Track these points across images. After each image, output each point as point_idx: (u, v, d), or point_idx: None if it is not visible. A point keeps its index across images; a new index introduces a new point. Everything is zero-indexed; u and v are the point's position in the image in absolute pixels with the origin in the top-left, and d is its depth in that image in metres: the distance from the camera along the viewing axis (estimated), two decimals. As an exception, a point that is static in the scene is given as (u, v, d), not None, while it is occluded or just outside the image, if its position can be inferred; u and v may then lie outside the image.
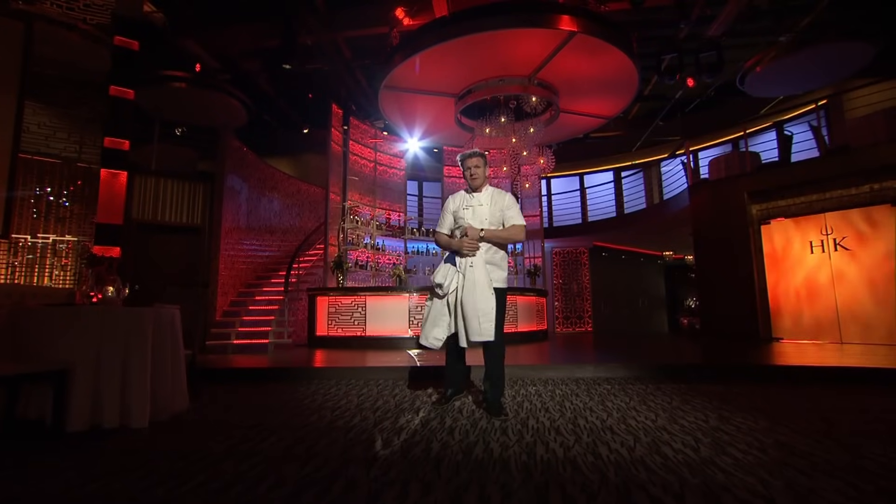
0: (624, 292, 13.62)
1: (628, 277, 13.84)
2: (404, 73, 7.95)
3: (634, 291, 13.94)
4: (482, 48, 7.34)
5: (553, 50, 7.40)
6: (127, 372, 3.04)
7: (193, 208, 8.10)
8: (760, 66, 8.20)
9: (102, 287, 6.11)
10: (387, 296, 8.62)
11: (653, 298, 14.46)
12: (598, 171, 14.42)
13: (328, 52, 9.04)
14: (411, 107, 9.41)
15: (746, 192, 8.24)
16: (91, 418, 2.89)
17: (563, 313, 12.81)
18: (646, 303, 14.09)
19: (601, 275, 13.07)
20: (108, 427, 2.91)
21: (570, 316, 12.75)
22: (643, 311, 14.03)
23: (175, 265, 7.66)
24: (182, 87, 8.76)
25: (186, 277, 7.70)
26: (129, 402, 3.01)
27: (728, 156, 9.08)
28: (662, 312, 14.68)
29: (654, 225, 11.21)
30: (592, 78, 8.22)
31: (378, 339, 8.27)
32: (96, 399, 2.93)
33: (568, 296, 12.91)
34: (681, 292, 15.13)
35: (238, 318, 7.89)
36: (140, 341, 3.14)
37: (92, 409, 2.90)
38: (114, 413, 2.94)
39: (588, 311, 12.70)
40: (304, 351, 7.92)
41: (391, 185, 11.49)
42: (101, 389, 2.94)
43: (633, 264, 14.08)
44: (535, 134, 8.67)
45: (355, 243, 10.24)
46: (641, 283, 14.22)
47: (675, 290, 15.10)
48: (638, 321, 13.71)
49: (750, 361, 5.38)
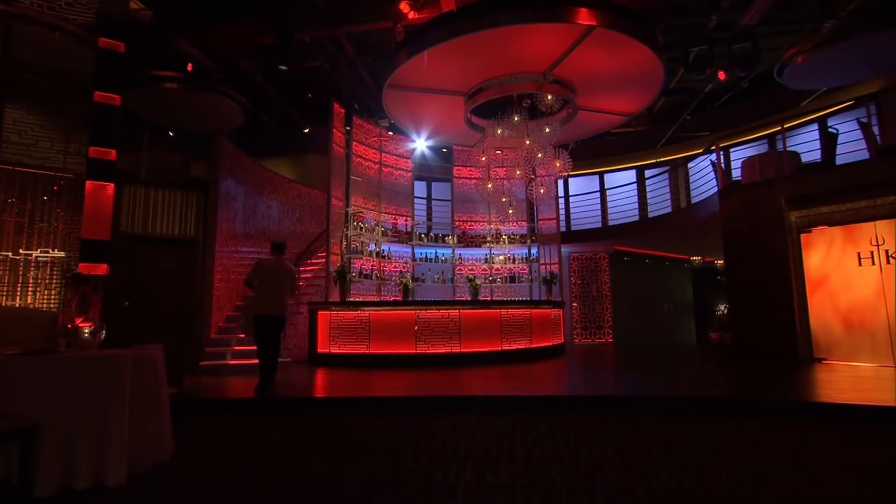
0: (647, 298, 13.35)
1: (652, 282, 13.56)
2: (410, 71, 7.80)
3: (659, 297, 13.66)
4: (493, 44, 7.16)
5: (570, 45, 7.18)
6: (102, 426, 2.94)
7: (186, 219, 8.04)
8: (802, 56, 7.86)
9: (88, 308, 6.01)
10: (392, 310, 8.52)
11: (679, 304, 14.16)
12: (619, 170, 14.13)
13: (328, 49, 8.90)
14: (418, 106, 9.26)
15: (784, 197, 7.93)
16: (62, 479, 2.80)
17: (581, 323, 12.59)
18: (671, 309, 13.81)
19: (623, 280, 12.81)
20: (81, 488, 2.81)
21: (590, 326, 12.53)
22: (669, 318, 13.74)
23: (167, 281, 7.62)
24: (173, 87, 8.63)
25: (179, 294, 7.66)
26: (105, 459, 2.92)
27: (763, 156, 8.76)
28: (690, 320, 14.37)
29: (681, 230, 10.91)
30: (613, 73, 7.99)
31: (383, 357, 8.18)
32: (68, 458, 2.83)
33: (587, 304, 12.68)
34: (710, 297, 14.80)
35: (234, 336, 7.84)
36: (117, 391, 3.05)
37: (63, 470, 2.81)
38: (88, 472, 2.85)
39: (608, 320, 12.46)
40: (305, 370, 7.86)
41: (397, 187, 11.36)
42: (73, 447, 2.85)
43: (657, 269, 13.79)
44: (551, 134, 8.46)
45: (359, 251, 10.14)
46: (667, 288, 13.93)
47: (704, 294, 14.77)
48: (663, 330, 13.42)
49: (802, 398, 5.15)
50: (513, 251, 11.78)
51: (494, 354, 8.52)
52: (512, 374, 7.37)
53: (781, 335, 7.78)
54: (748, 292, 8.38)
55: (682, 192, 12.47)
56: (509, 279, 11.60)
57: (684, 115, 11.30)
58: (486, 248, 11.77)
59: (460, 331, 8.45)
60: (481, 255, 11.86)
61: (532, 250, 11.78)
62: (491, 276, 11.65)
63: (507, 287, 11.66)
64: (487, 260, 11.74)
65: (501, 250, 11.80)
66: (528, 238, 11.83)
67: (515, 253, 11.80)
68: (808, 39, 7.86)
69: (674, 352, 10.44)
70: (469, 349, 8.42)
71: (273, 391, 5.47)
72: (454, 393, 5.55)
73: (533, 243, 11.85)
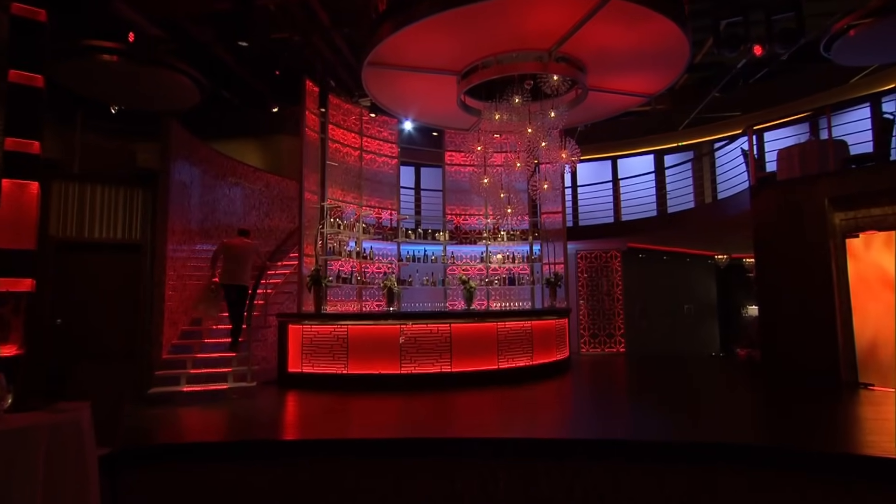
0: (665, 299, 13.08)
1: (671, 281, 13.29)
2: (394, 46, 7.36)
3: (678, 297, 13.40)
4: (492, 16, 6.71)
5: (581, 18, 6.71)
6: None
7: (131, 219, 7.63)
8: (855, 28, 7.42)
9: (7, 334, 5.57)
10: (374, 325, 8.19)
11: (702, 305, 13.91)
12: (634, 155, 13.72)
13: (298, 18, 8.34)
14: (403, 86, 8.84)
15: (828, 197, 7.56)
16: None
17: (589, 331, 12.30)
18: (692, 310, 13.57)
19: (637, 280, 12.51)
20: None
21: (599, 334, 12.24)
22: (688, 321, 13.50)
23: (108, 294, 7.23)
24: (113, 60, 8.15)
25: (122, 309, 7.26)
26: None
27: (804, 146, 8.33)
28: (713, 323, 14.14)
29: (705, 229, 10.58)
30: (630, 50, 7.59)
31: (364, 378, 7.89)
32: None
33: (595, 309, 12.37)
34: (736, 297, 14.56)
35: (190, 357, 7.46)
36: (26, 473, 2.69)
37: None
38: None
39: (620, 327, 12.17)
40: (273, 395, 7.58)
41: (381, 176, 10.90)
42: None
43: (677, 266, 13.50)
44: (557, 118, 8.04)
45: (337, 251, 9.73)
46: (687, 287, 13.67)
47: (729, 294, 14.53)
48: (682, 337, 13.18)
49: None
50: (512, 248, 11.40)
51: (490, 374, 8.22)
52: (510, 400, 7.13)
53: (820, 354, 7.51)
54: (782, 304, 8.09)
55: (708, 181, 12.09)
56: (508, 281, 11.26)
57: (712, 93, 10.83)
58: (483, 244, 11.39)
59: (451, 348, 8.13)
60: (477, 252, 11.48)
61: (534, 248, 11.44)
62: (487, 277, 11.29)
63: (505, 290, 11.32)
64: (483, 259, 11.35)
65: (499, 247, 11.41)
66: (529, 234, 11.46)
67: (515, 250, 11.42)
68: (861, 7, 7.41)
69: (696, 369, 10.21)
70: (461, 368, 8.12)
71: (238, 347, 7.42)
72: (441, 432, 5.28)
73: (535, 240, 11.47)
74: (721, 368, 10.52)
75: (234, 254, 7.45)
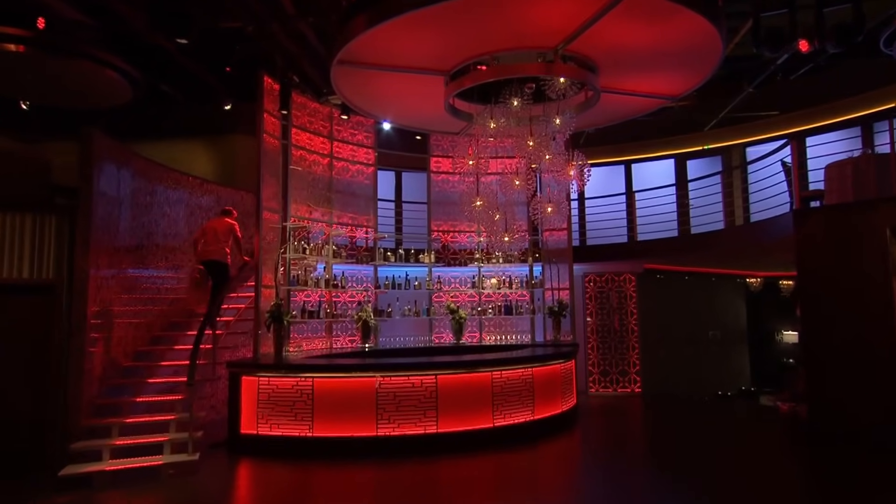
0: (686, 325, 12.64)
1: (693, 305, 12.86)
2: (370, 42, 6.82)
3: (702, 323, 13.00)
4: (487, 9, 6.22)
5: (593, 15, 6.17)
6: None
7: (42, 253, 7.01)
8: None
9: None
10: (345, 377, 7.67)
11: (729, 331, 13.52)
12: (652, 159, 13.25)
13: (253, 6, 7.69)
14: (381, 87, 8.30)
15: (889, 226, 7.11)
16: None
17: (599, 367, 11.78)
18: (718, 337, 13.20)
19: (654, 305, 12.05)
20: None
21: (610, 371, 11.73)
22: (714, 349, 13.12)
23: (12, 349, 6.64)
24: (19, 50, 7.56)
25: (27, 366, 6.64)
26: None
27: (858, 161, 7.86)
28: (742, 352, 13.75)
29: (735, 254, 10.14)
30: (650, 48, 7.08)
31: (332, 443, 7.36)
32: None
33: (606, 342, 11.85)
34: (770, 321, 14.20)
35: (118, 421, 6.79)
36: None
37: None
38: None
39: (635, 363, 11.66)
40: (223, 467, 7.06)
41: (355, 187, 10.36)
42: None
43: (700, 287, 13.08)
44: (563, 124, 7.56)
45: (302, 280, 9.18)
46: (713, 311, 13.27)
47: (762, 318, 14.16)
48: (707, 368, 12.77)
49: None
50: (509, 271, 10.93)
51: (484, 434, 7.71)
52: (507, 471, 6.93)
53: (884, 414, 7.09)
54: (834, 350, 7.66)
55: (739, 196, 11.61)
56: (504, 310, 10.80)
57: (746, 90, 10.30)
58: (474, 266, 10.88)
59: (437, 403, 7.58)
60: (467, 276, 11.00)
61: (535, 270, 10.93)
62: (480, 305, 10.79)
63: (501, 320, 10.88)
64: (475, 284, 10.85)
65: (494, 269, 10.90)
66: (529, 254, 10.96)
67: (513, 273, 10.96)
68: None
69: (725, 422, 9.78)
70: (449, 428, 7.59)
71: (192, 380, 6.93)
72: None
73: (536, 261, 10.99)
74: (757, 419, 10.17)
75: (210, 233, 8.08)
